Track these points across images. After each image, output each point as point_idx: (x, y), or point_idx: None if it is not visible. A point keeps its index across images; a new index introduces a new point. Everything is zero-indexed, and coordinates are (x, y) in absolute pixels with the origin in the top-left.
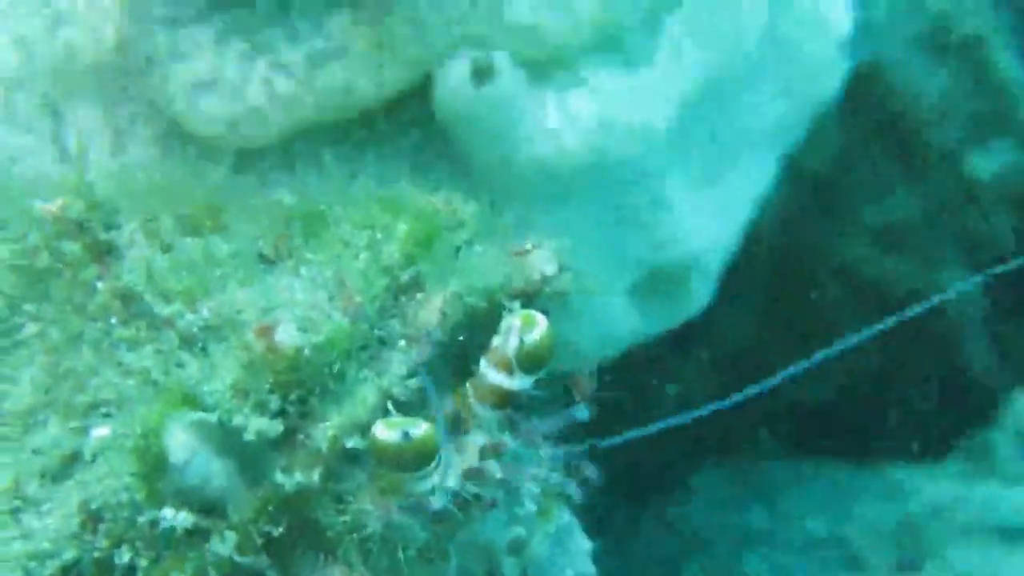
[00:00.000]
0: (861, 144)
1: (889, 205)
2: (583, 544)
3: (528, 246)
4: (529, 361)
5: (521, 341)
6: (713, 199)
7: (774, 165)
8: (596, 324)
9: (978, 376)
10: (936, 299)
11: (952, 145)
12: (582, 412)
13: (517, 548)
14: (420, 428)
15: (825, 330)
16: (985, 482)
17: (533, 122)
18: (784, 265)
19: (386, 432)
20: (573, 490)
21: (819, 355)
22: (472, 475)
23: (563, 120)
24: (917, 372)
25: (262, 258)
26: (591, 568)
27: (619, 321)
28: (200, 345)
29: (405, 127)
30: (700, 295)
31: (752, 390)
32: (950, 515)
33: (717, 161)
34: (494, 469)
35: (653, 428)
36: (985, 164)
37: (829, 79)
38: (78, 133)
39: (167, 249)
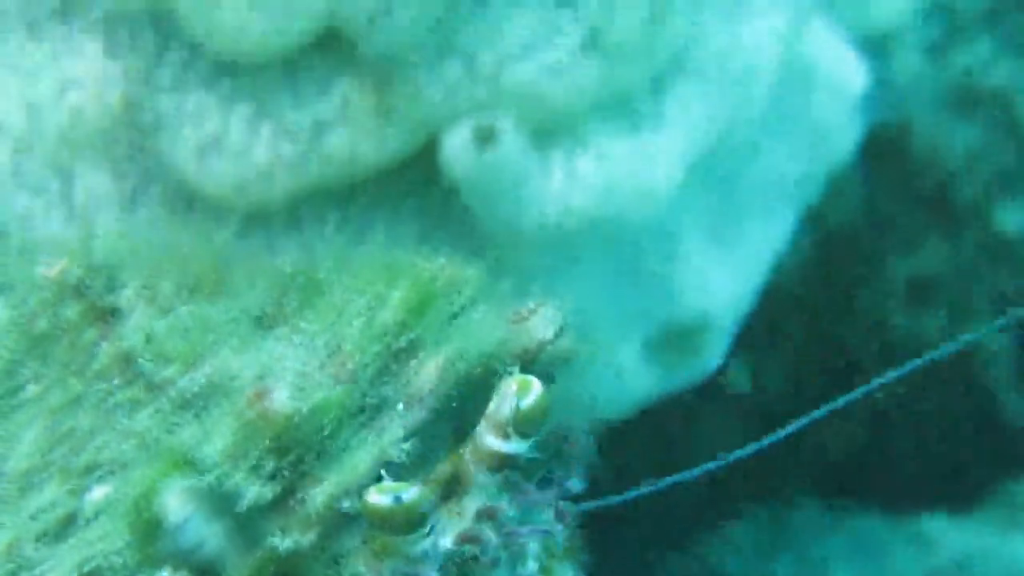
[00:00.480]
0: (889, 199)
1: (919, 259)
2: None
3: (527, 310)
4: (524, 425)
5: (516, 405)
6: (726, 256)
7: (790, 222)
8: (608, 382)
9: (1010, 426)
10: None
11: (980, 199)
12: (575, 484)
13: None
14: (411, 492)
15: (855, 384)
16: (1016, 534)
17: (538, 185)
18: (813, 320)
19: (377, 496)
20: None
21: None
22: (467, 539)
23: (569, 183)
24: (948, 421)
25: (261, 321)
26: None
27: (633, 379)
28: (196, 408)
29: (411, 190)
30: (715, 352)
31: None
32: (979, 567)
33: (729, 219)
34: (489, 532)
35: (644, 490)
36: (1013, 218)
37: (843, 135)
38: (85, 195)
39: (167, 312)
